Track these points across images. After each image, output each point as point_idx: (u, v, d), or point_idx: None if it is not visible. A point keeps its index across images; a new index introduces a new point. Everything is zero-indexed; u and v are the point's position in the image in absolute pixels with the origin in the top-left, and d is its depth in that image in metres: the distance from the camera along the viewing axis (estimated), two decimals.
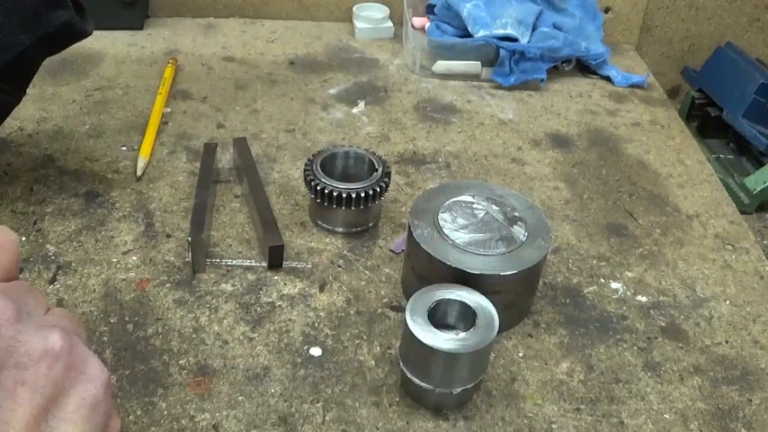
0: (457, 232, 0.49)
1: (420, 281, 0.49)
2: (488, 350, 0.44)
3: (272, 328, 0.49)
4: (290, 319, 0.50)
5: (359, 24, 0.94)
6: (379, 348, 0.49)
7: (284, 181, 0.64)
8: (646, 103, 0.84)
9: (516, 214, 0.52)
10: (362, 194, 0.55)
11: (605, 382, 0.48)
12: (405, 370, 0.44)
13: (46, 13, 0.48)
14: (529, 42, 0.84)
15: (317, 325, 0.50)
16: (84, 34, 0.52)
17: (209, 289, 0.52)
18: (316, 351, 0.48)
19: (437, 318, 0.44)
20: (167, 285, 0.52)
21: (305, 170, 0.56)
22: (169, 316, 0.49)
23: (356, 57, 0.89)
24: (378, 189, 0.55)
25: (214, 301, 0.51)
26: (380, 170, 0.57)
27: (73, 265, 0.53)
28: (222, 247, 0.56)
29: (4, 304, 0.30)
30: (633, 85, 0.87)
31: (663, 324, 0.53)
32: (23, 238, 0.54)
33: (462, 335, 0.42)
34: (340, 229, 0.58)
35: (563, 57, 0.85)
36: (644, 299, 0.55)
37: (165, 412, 0.43)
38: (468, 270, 0.46)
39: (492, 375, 0.47)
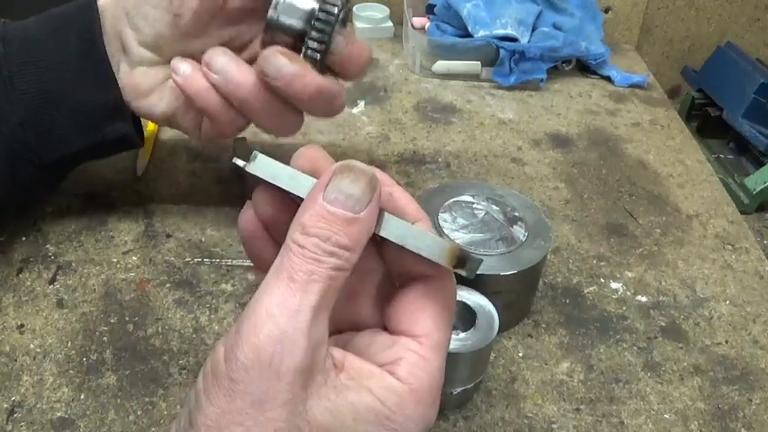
0: (457, 232, 0.49)
1: None
2: (488, 350, 0.44)
3: None
4: None
5: (359, 24, 0.94)
6: None
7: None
8: (646, 103, 0.84)
9: (516, 214, 0.52)
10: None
11: (605, 382, 0.48)
12: None
13: (104, 124, 0.48)
14: (529, 42, 0.84)
15: None
16: (136, 146, 0.52)
17: (209, 289, 0.52)
18: None
19: None
20: (167, 285, 0.52)
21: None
22: (169, 316, 0.49)
23: None
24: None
25: (214, 301, 0.51)
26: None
27: (73, 265, 0.53)
28: (222, 247, 0.56)
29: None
30: (633, 85, 0.87)
31: (663, 324, 0.53)
32: (23, 238, 0.54)
33: (462, 335, 0.42)
34: None
35: (563, 57, 0.85)
36: (644, 299, 0.55)
37: (165, 412, 0.43)
38: None
39: (492, 375, 0.47)
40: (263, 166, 0.31)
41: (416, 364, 0.29)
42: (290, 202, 0.31)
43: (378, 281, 0.32)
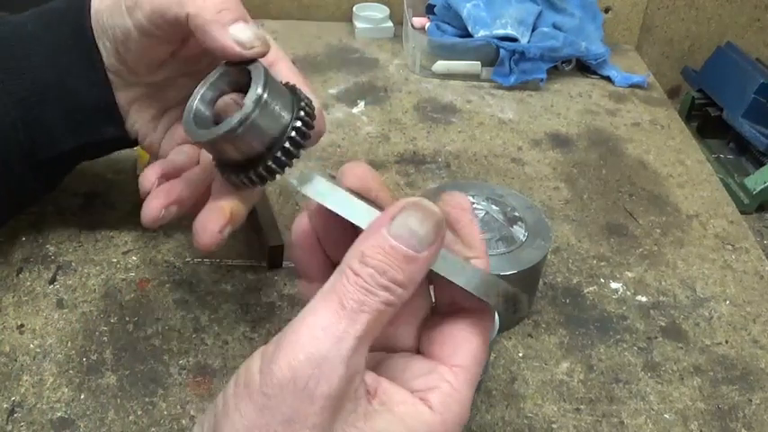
0: None
1: None
2: (488, 350, 0.44)
3: (272, 329, 0.49)
4: (289, 320, 0.50)
5: (359, 24, 0.94)
6: None
7: (284, 181, 0.64)
8: (646, 103, 0.84)
9: (516, 214, 0.52)
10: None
11: (605, 382, 0.48)
12: None
13: (98, 124, 0.48)
14: (529, 42, 0.84)
15: None
16: (131, 146, 0.52)
17: (209, 289, 0.52)
18: None
19: None
20: (167, 285, 0.52)
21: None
22: (169, 316, 0.49)
23: (356, 57, 0.89)
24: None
25: (214, 301, 0.51)
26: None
27: (73, 265, 0.53)
28: (222, 247, 0.55)
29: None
30: (633, 85, 0.87)
31: (663, 324, 0.53)
32: (23, 238, 0.54)
33: None
34: None
35: (563, 57, 0.85)
36: (644, 299, 0.55)
37: (165, 412, 0.43)
38: None
39: (492, 375, 0.47)
40: (317, 188, 0.30)
41: (451, 395, 0.28)
42: (345, 220, 0.30)
43: (418, 305, 0.32)
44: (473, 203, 0.52)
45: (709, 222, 0.64)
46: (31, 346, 0.46)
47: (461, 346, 0.30)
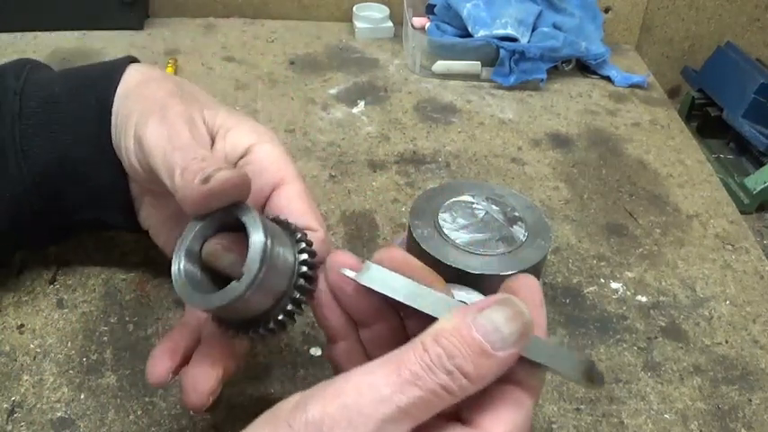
0: (457, 232, 0.49)
1: None
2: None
3: None
4: None
5: (359, 24, 0.94)
6: None
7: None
8: (646, 103, 0.84)
9: (516, 214, 0.51)
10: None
11: (605, 382, 0.48)
12: None
13: (110, 207, 0.46)
14: (529, 42, 0.84)
15: (316, 325, 0.50)
16: (142, 232, 0.48)
17: None
18: (316, 351, 0.48)
19: None
20: (167, 285, 0.52)
21: None
22: (169, 316, 0.49)
23: (356, 57, 0.89)
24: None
25: None
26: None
27: (73, 265, 0.53)
28: None
29: None
30: (633, 85, 0.87)
31: (663, 324, 0.53)
32: None
33: None
34: None
35: (563, 57, 0.86)
36: (644, 299, 0.55)
37: (165, 412, 0.43)
38: (468, 270, 0.46)
39: None
40: (377, 278, 0.30)
41: None
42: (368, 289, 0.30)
43: None
44: (473, 203, 0.52)
45: (709, 222, 0.64)
46: (31, 346, 0.46)
47: (502, 413, 0.28)
